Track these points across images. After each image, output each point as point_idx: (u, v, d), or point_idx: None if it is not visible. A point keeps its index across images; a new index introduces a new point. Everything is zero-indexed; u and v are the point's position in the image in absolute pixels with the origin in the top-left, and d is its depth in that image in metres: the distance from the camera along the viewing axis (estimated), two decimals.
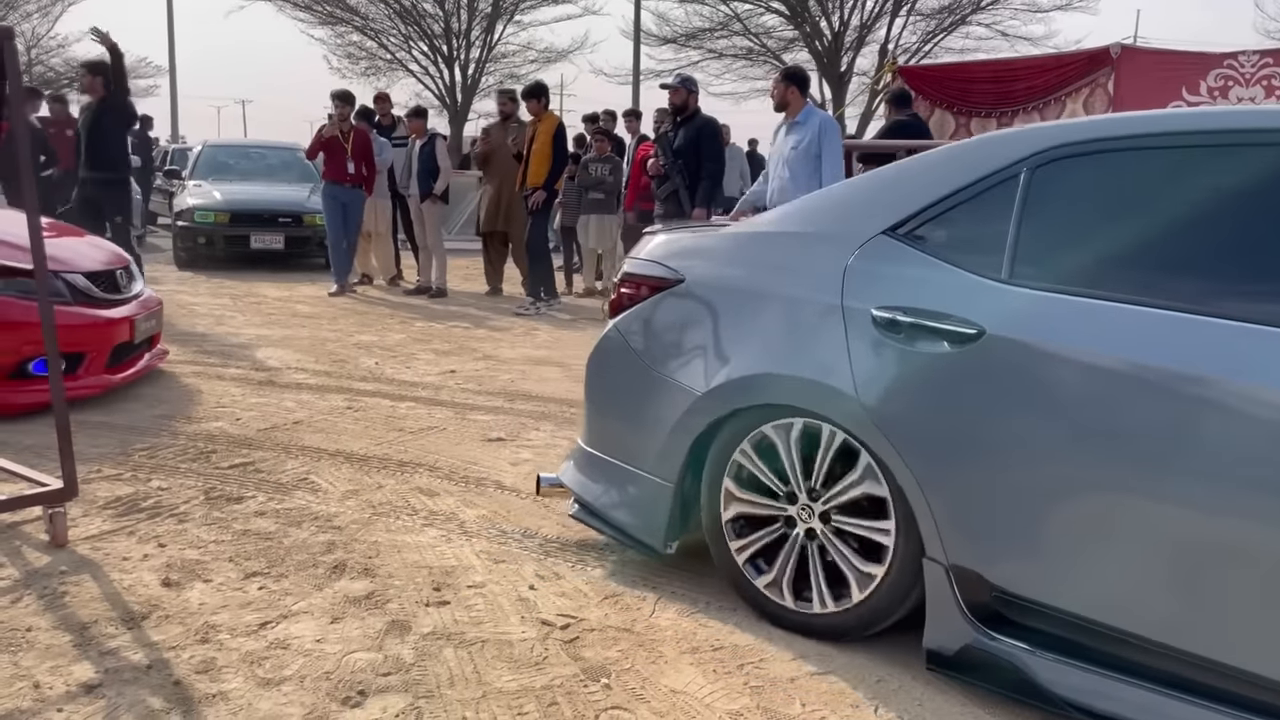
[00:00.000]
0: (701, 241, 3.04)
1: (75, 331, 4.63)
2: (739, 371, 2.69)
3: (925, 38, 24.87)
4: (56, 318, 4.31)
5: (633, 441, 2.99)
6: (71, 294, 4.73)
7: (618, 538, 3.04)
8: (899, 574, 2.48)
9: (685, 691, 2.38)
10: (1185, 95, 7.26)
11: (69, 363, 4.57)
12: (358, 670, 2.40)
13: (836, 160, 5.91)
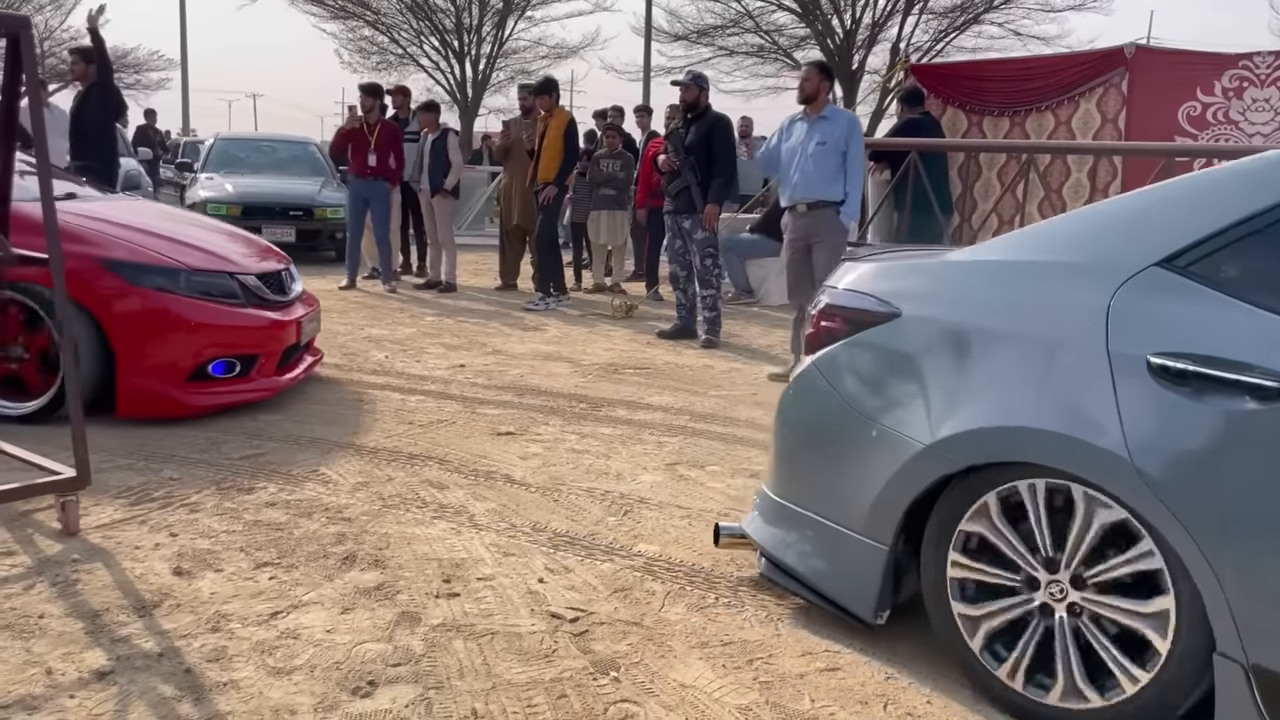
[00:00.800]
0: (919, 271, 2.68)
1: (249, 333, 4.55)
2: (973, 422, 2.31)
3: (937, 36, 24.82)
4: (231, 319, 4.42)
5: (836, 495, 2.62)
6: (245, 295, 4.60)
7: (818, 603, 2.69)
8: (1178, 669, 2.08)
9: (694, 686, 2.38)
10: (1200, 96, 7.23)
11: (243, 365, 4.51)
12: (368, 660, 2.41)
13: (861, 160, 5.93)
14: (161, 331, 4.27)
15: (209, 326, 4.36)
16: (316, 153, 12.93)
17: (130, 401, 4.25)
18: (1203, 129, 7.22)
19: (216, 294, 4.46)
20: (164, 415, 4.30)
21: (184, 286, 4.35)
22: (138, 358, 4.22)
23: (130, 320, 4.21)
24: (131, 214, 4.89)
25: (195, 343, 4.35)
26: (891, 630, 2.70)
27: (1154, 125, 7.27)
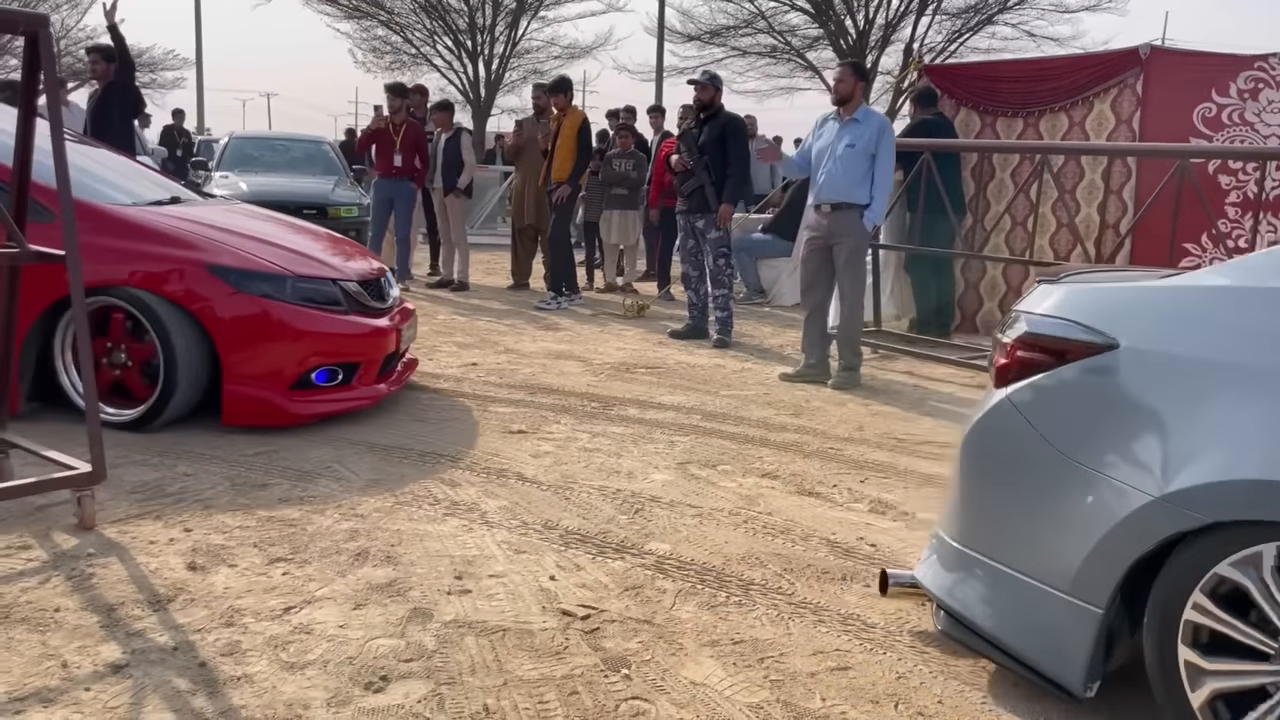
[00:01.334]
0: (1138, 296, 2.37)
1: (351, 341, 4.46)
2: (1221, 473, 1.99)
3: (951, 37, 24.74)
4: (335, 326, 4.37)
5: (1035, 547, 2.31)
6: (347, 302, 4.48)
7: (1012, 667, 2.36)
8: None
9: (705, 684, 2.38)
10: (1215, 97, 7.19)
11: (345, 373, 4.43)
12: (380, 656, 2.42)
13: (891, 161, 5.91)
14: (267, 338, 4.20)
15: (313, 334, 4.29)
16: (330, 151, 12.97)
17: (235, 409, 4.20)
18: (1218, 130, 7.18)
19: (320, 301, 4.38)
20: (268, 423, 4.23)
21: (289, 293, 4.27)
22: (243, 365, 4.17)
23: (236, 327, 4.15)
24: (233, 218, 4.85)
25: (300, 350, 4.27)
26: (904, 629, 2.70)
27: (1169, 126, 7.22)
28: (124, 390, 4.24)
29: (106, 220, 4.18)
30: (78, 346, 3.69)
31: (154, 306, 4.06)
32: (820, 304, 6.17)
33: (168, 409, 4.12)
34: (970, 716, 2.31)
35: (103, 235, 4.08)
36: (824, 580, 3.02)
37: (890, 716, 2.29)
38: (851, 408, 5.40)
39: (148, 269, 4.10)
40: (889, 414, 5.29)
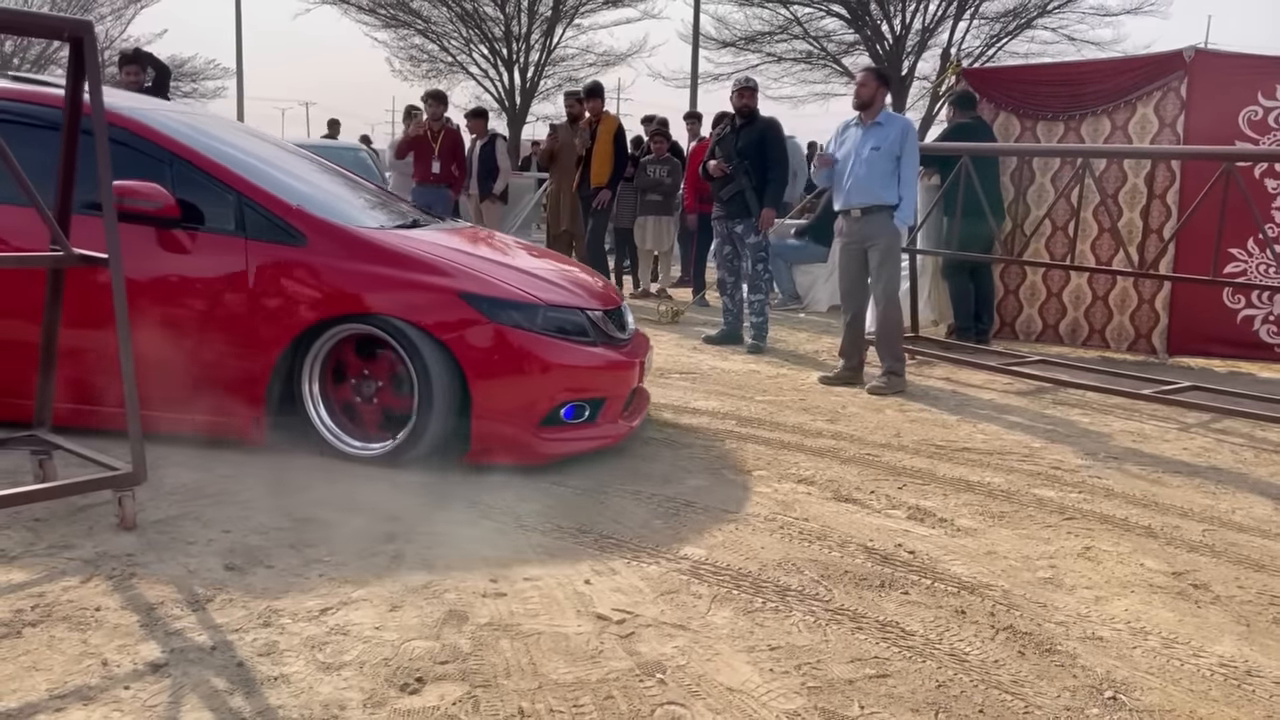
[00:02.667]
0: None
1: (599, 374, 4.13)
2: None
3: (989, 41, 24.55)
4: (585, 359, 4.08)
5: None
6: (594, 333, 4.17)
7: None
8: None
9: (741, 690, 2.36)
10: (1261, 100, 7.06)
11: (590, 409, 4.10)
12: (416, 658, 2.42)
13: (915, 165, 5.89)
14: (518, 371, 3.91)
15: (564, 367, 4.00)
16: (368, 158, 13.08)
17: (483, 445, 3.89)
18: (1264, 134, 7.05)
19: (570, 331, 4.08)
20: (516, 461, 3.92)
21: (541, 323, 3.98)
22: (493, 399, 3.88)
23: (487, 358, 3.87)
24: (474, 243, 4.59)
25: (551, 384, 3.97)
26: (942, 637, 2.66)
27: (1213, 130, 7.10)
28: (372, 422, 4.00)
29: (359, 245, 3.98)
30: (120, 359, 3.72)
31: (410, 335, 3.80)
32: (860, 309, 6.13)
33: (421, 443, 3.84)
34: None
35: (356, 260, 3.92)
36: (861, 586, 2.98)
37: None
38: (889, 414, 5.35)
39: (402, 296, 3.85)
40: (927, 420, 5.23)
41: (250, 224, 3.91)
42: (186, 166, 4.01)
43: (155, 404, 3.75)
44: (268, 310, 3.89)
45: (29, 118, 4.04)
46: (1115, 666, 2.57)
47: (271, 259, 3.89)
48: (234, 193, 3.95)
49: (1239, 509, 3.95)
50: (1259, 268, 7.04)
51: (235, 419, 3.95)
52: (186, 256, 3.94)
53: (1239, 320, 7.20)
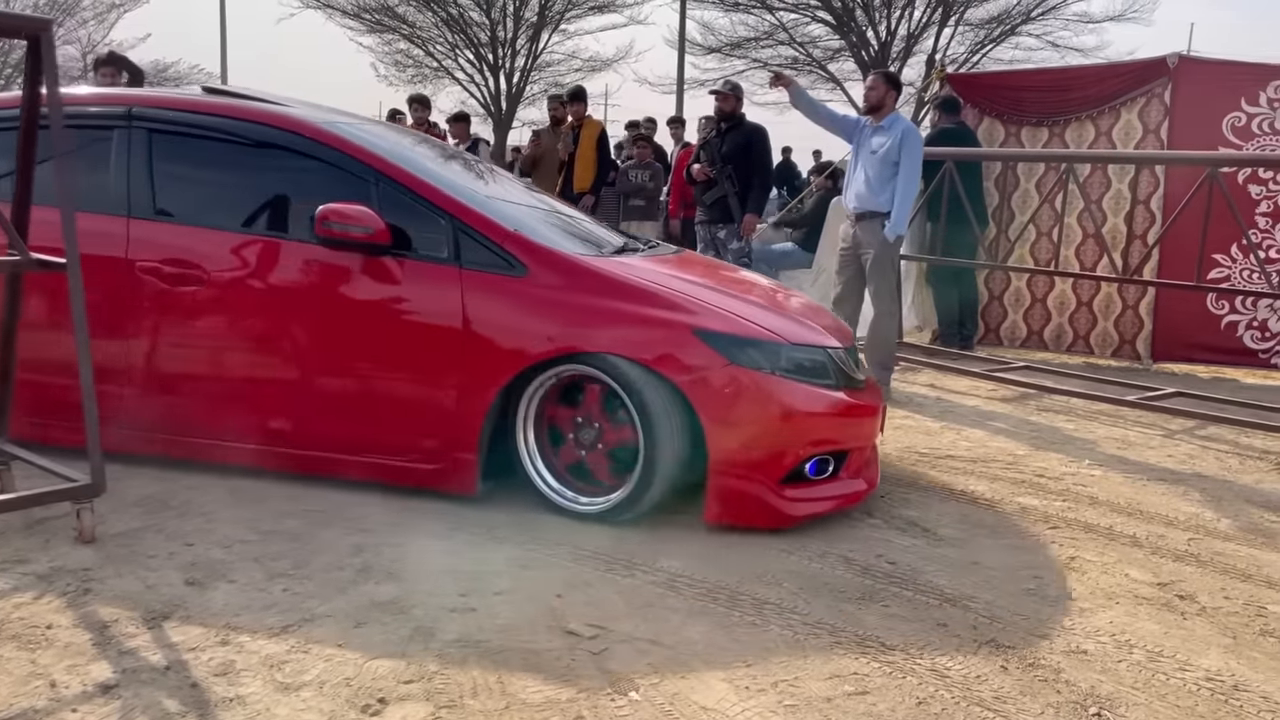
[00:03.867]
0: None
1: (847, 423, 3.61)
2: None
3: (974, 48, 24.60)
4: (830, 405, 3.51)
5: None
6: (836, 375, 3.59)
7: None
8: None
9: (716, 709, 2.28)
10: (1244, 106, 7.04)
11: (835, 463, 3.58)
12: (379, 677, 2.33)
13: (914, 169, 5.72)
14: (762, 420, 3.38)
15: (811, 415, 3.48)
16: None
17: (722, 504, 3.39)
18: (1248, 140, 7.03)
19: (813, 373, 3.52)
20: (759, 524, 3.41)
21: (784, 364, 3.45)
22: (732, 451, 3.35)
23: (726, 405, 3.35)
24: (689, 268, 4.05)
25: (798, 435, 3.45)
26: (923, 652, 2.59)
27: (1197, 136, 7.08)
28: (593, 473, 3.53)
29: (583, 275, 3.52)
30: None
31: (637, 378, 3.33)
32: (850, 316, 6.05)
33: (645, 499, 3.39)
34: None
35: (580, 292, 3.45)
36: (840, 599, 2.91)
37: None
38: None
39: (630, 333, 3.37)
40: (910, 427, 5.17)
41: (465, 251, 3.48)
42: (393, 187, 3.60)
43: (352, 446, 3.56)
44: (483, 347, 3.43)
45: (226, 134, 3.78)
46: (1100, 681, 2.50)
47: (488, 290, 3.45)
48: (447, 216, 3.53)
49: (1224, 517, 3.90)
50: (1243, 273, 7.02)
51: (442, 467, 3.51)
52: (394, 287, 3.52)
53: (1223, 326, 7.18)
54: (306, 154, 3.68)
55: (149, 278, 3.65)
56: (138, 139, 3.77)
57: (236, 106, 3.86)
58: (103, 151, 3.77)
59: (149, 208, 3.72)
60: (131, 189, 3.72)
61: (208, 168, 3.83)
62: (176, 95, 4.15)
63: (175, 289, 3.64)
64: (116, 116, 3.81)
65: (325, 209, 3.42)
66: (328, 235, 3.43)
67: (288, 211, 3.72)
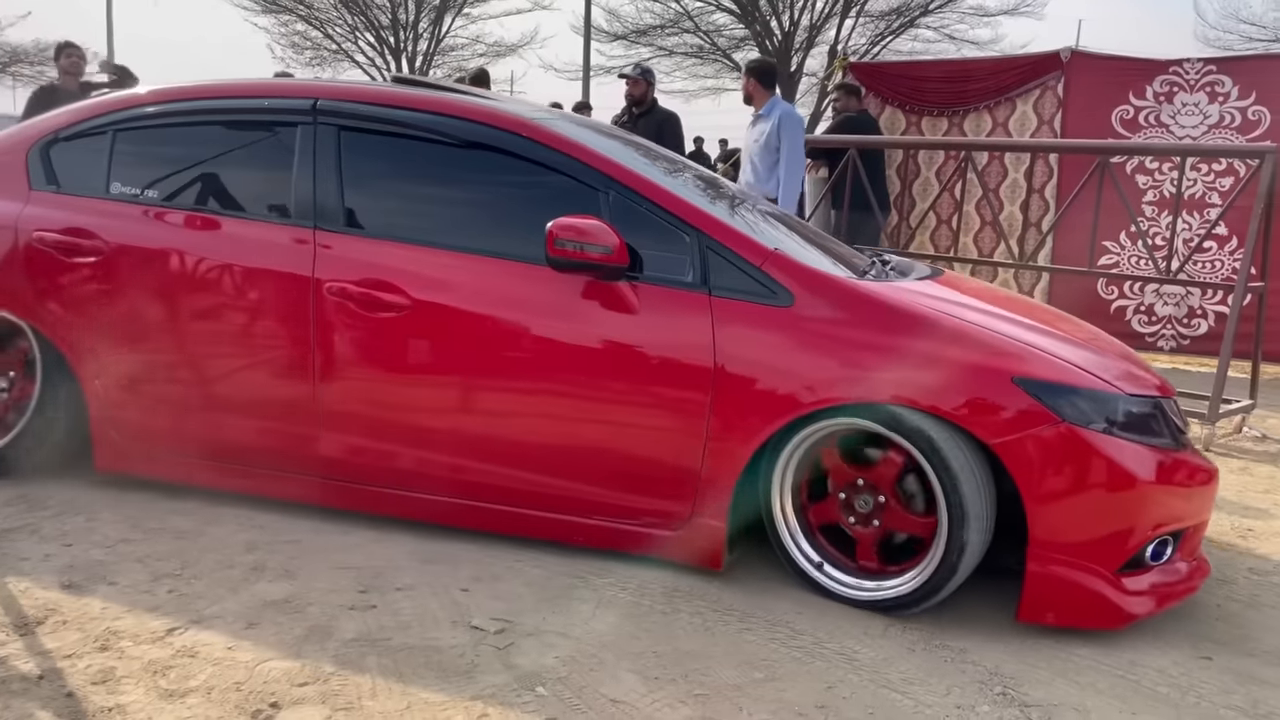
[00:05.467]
0: None
1: (1192, 493, 2.86)
2: None
3: (874, 39, 25.01)
4: (1173, 472, 2.79)
5: None
6: (1168, 432, 2.84)
7: None
8: None
9: (625, 700, 2.23)
10: (1132, 99, 7.30)
11: (1172, 543, 2.85)
12: (271, 680, 2.22)
13: (796, 154, 5.78)
14: (1102, 492, 2.66)
15: (1158, 484, 2.73)
16: None
17: (1043, 598, 2.67)
18: (1135, 131, 7.29)
19: (1148, 430, 2.79)
20: (1088, 624, 2.71)
21: (1120, 420, 2.71)
22: (1059, 529, 2.65)
23: (1055, 471, 2.63)
24: (967, 293, 3.31)
25: (1144, 511, 2.72)
26: (836, 637, 2.59)
27: (1088, 127, 7.31)
28: (869, 552, 2.85)
29: (861, 304, 2.84)
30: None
31: (934, 435, 2.65)
32: None
33: (946, 587, 2.72)
34: None
35: (859, 326, 2.79)
36: (749, 588, 2.89)
37: None
38: None
39: (928, 378, 2.68)
40: None
41: (715, 274, 2.85)
42: (628, 196, 2.97)
43: (571, 506, 2.99)
44: (739, 392, 2.78)
45: (429, 132, 3.18)
46: (1004, 660, 2.54)
47: (745, 322, 2.81)
48: (693, 231, 2.90)
49: None
50: (1131, 259, 7.27)
51: (681, 534, 2.90)
52: (629, 317, 2.87)
53: (1113, 311, 7.43)
54: (524, 157, 3.07)
55: (338, 300, 3.04)
56: (325, 137, 3.19)
57: (441, 100, 3.25)
58: (282, 151, 3.23)
59: (339, 218, 3.12)
60: (318, 195, 3.14)
61: (407, 171, 3.25)
62: (371, 87, 3.54)
63: (371, 314, 3.01)
64: (299, 111, 3.24)
65: (559, 224, 2.79)
66: (561, 255, 2.79)
67: (502, 224, 3.13)
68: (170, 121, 3.41)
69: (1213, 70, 7.18)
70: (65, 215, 3.32)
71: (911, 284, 3.17)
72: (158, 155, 3.37)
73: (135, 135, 3.40)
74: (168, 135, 3.40)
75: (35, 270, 3.32)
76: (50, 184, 3.41)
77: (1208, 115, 7.16)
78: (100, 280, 3.26)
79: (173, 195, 3.29)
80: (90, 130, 3.43)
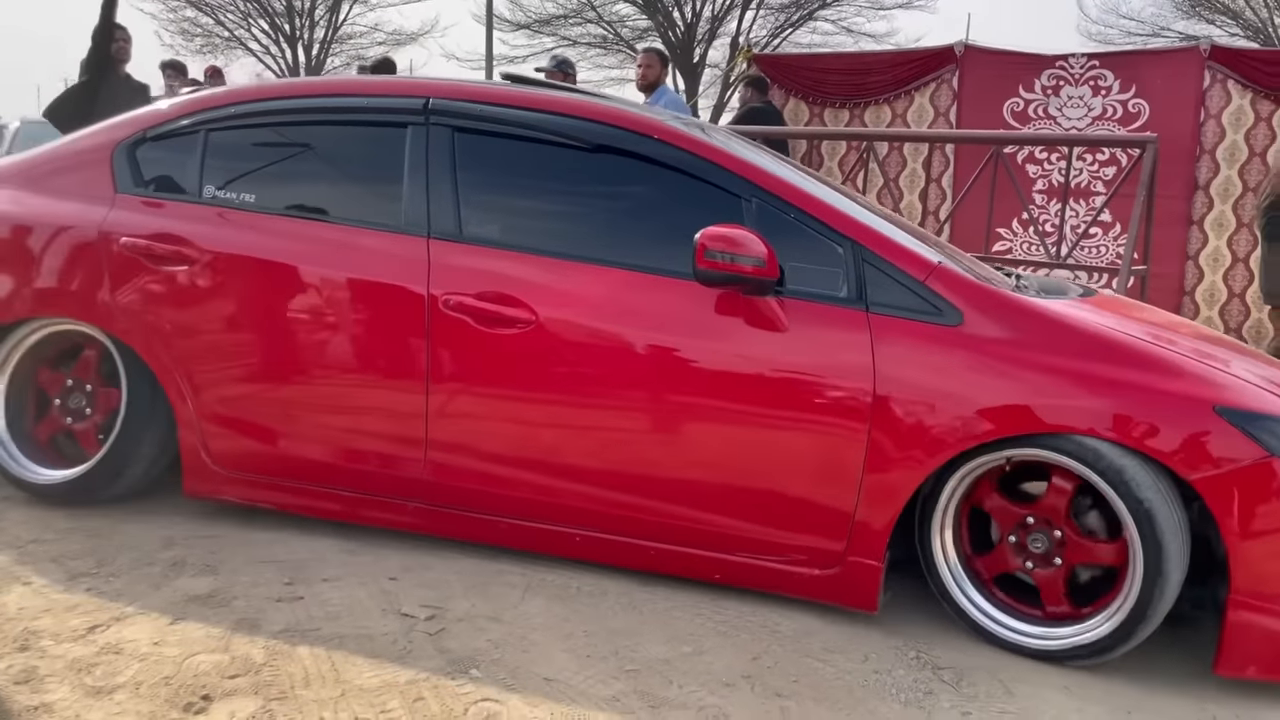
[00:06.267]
0: None
1: None
2: None
3: (774, 31, 25.38)
4: None
5: None
6: None
7: None
8: None
9: (558, 679, 2.29)
10: (1022, 92, 7.61)
11: None
12: (201, 674, 2.21)
13: None
14: None
15: None
16: None
17: (1246, 650, 2.43)
18: (1025, 123, 7.60)
19: None
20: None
21: None
22: (1266, 575, 2.41)
23: (1265, 512, 2.41)
24: (1132, 315, 3.05)
25: None
26: (755, 611, 2.68)
27: (982, 119, 7.60)
28: (1049, 595, 2.60)
29: (1036, 323, 2.61)
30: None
31: (1129, 470, 2.43)
32: None
33: (1136, 635, 2.48)
34: (825, 693, 2.31)
35: (1036, 349, 2.55)
36: None
37: (747, 698, 2.26)
38: None
39: (1119, 407, 2.45)
40: None
41: (873, 289, 2.63)
42: (773, 204, 2.76)
43: (711, 541, 2.75)
44: (902, 419, 2.56)
45: (552, 134, 2.96)
46: (919, 628, 2.66)
47: (909, 342, 2.58)
48: (847, 241, 2.69)
49: None
50: (1023, 246, 7.59)
51: (834, 573, 2.67)
52: (777, 336, 2.65)
53: None
54: (657, 161, 2.87)
55: (458, 316, 2.82)
56: (438, 139, 2.97)
57: (564, 100, 3.07)
58: (390, 154, 3.01)
59: (455, 226, 2.90)
60: (432, 202, 2.91)
61: (528, 176, 3.04)
62: (487, 85, 3.37)
63: (493, 332, 2.79)
64: (409, 110, 3.03)
65: (709, 234, 2.58)
66: (711, 268, 2.58)
67: (635, 234, 2.92)
68: (268, 121, 3.17)
69: (1095, 65, 7.53)
70: (156, 221, 3.06)
71: (1077, 302, 2.93)
72: (255, 157, 3.14)
73: (230, 135, 3.15)
74: (265, 135, 3.16)
75: (122, 280, 3.04)
76: (138, 187, 3.14)
77: (1092, 108, 7.50)
78: (194, 291, 3.01)
79: (271, 201, 3.05)
80: (181, 130, 3.18)
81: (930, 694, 2.34)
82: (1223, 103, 7.08)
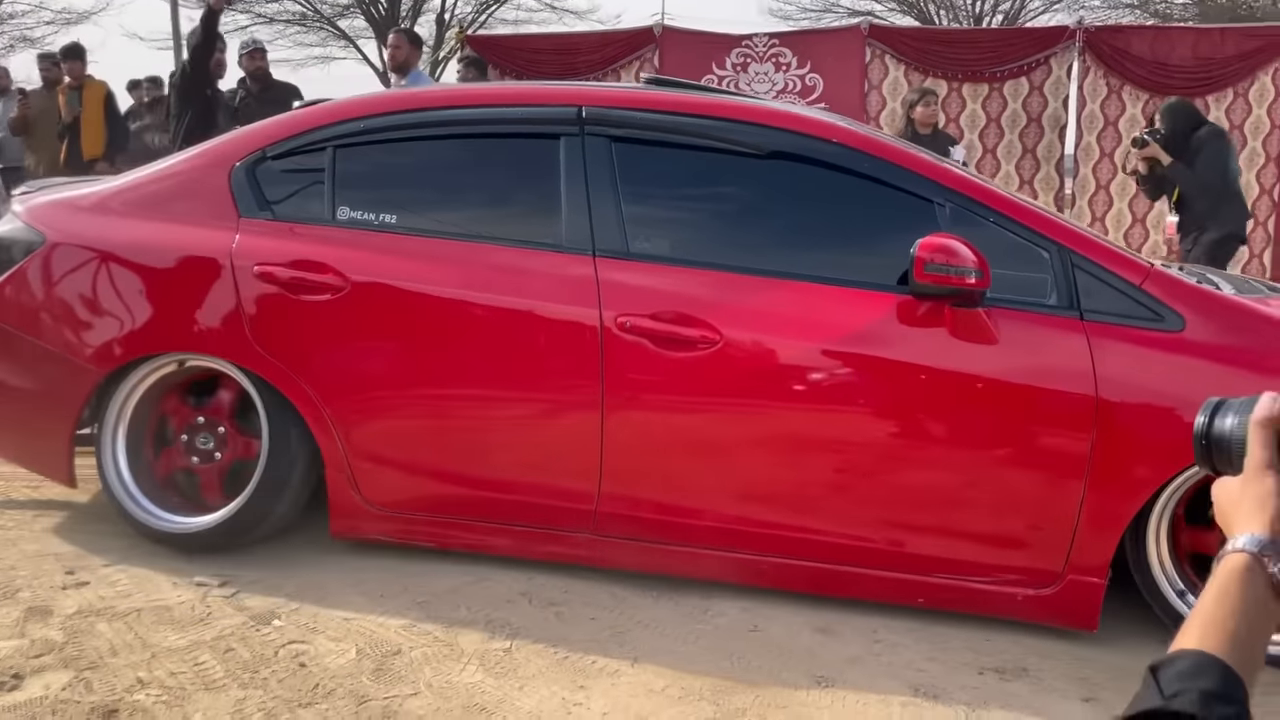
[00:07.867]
0: None
1: None
2: None
3: (479, 8, 25.45)
4: None
5: None
6: None
7: None
8: None
9: (355, 616, 2.55)
10: (715, 70, 8.33)
11: None
12: (4, 658, 2.29)
13: None
14: None
15: None
16: None
17: None
18: None
19: None
20: None
21: None
22: None
23: None
24: None
25: None
26: None
27: None
28: None
29: (1263, 328, 2.52)
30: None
31: None
32: None
33: None
34: (597, 606, 2.71)
35: (1267, 354, 2.47)
36: None
37: (527, 611, 2.62)
38: None
39: None
40: None
41: (1086, 296, 2.48)
42: (971, 208, 2.60)
43: (911, 563, 2.61)
44: (1125, 431, 2.43)
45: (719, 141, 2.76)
46: None
47: (1128, 350, 2.45)
48: (1054, 246, 2.54)
49: None
50: None
51: (1052, 593, 2.53)
52: (989, 349, 2.51)
53: None
54: (840, 167, 2.71)
55: (633, 338, 2.61)
56: (595, 149, 2.76)
57: (732, 104, 2.89)
58: (543, 166, 2.80)
59: (622, 242, 2.69)
60: (595, 217, 2.70)
61: (697, 186, 2.87)
62: (640, 91, 3.12)
63: (671, 354, 2.60)
64: (562, 120, 2.82)
65: (927, 245, 2.42)
66: (932, 281, 2.42)
67: (822, 245, 2.77)
68: (401, 135, 2.94)
69: (776, 43, 8.38)
70: (291, 246, 2.81)
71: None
72: (391, 175, 2.96)
73: (361, 151, 2.92)
74: (399, 151, 2.96)
75: (259, 311, 2.79)
76: (263, 210, 2.87)
77: (775, 83, 8.34)
78: (340, 321, 2.77)
79: (415, 221, 2.82)
80: (304, 147, 2.92)
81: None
82: (881, 75, 8.11)
